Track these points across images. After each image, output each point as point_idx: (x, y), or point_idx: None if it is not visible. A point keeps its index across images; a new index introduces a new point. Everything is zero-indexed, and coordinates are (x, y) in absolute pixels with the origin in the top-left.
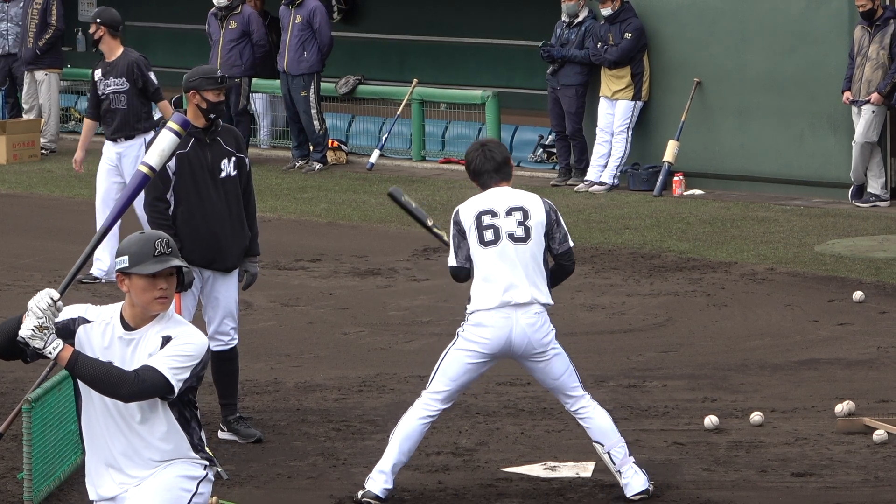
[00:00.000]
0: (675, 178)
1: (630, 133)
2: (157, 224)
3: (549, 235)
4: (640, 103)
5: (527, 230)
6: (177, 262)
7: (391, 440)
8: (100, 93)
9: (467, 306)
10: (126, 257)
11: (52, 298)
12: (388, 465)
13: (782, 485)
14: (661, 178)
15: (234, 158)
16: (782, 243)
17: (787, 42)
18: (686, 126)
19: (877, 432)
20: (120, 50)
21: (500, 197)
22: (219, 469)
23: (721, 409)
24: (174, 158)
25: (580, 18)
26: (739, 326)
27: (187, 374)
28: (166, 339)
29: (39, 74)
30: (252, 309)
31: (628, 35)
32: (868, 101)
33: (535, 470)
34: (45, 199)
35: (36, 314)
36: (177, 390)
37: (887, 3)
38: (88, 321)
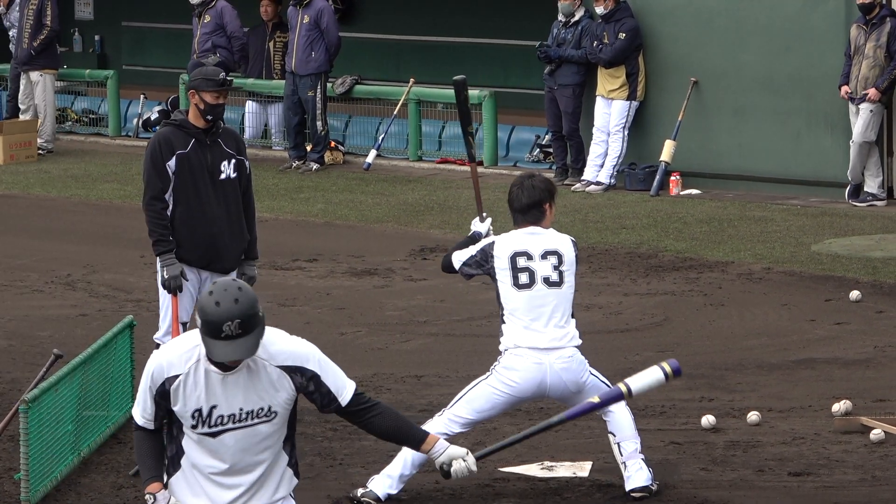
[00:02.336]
0: (672, 178)
1: (626, 132)
2: (155, 223)
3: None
4: (635, 103)
5: (561, 275)
6: (245, 347)
7: (402, 451)
8: None
9: (501, 340)
10: (200, 322)
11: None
12: (397, 472)
13: (779, 484)
14: (657, 177)
15: (234, 160)
16: (779, 243)
17: (783, 41)
18: (683, 125)
19: (874, 431)
20: None
21: (534, 239)
22: None
23: (718, 409)
24: (174, 158)
25: (577, 18)
26: (736, 326)
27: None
28: (297, 371)
29: (35, 75)
30: None
31: (622, 35)
32: (864, 99)
33: (533, 470)
34: (42, 199)
35: None
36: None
37: (884, 1)
38: (174, 376)
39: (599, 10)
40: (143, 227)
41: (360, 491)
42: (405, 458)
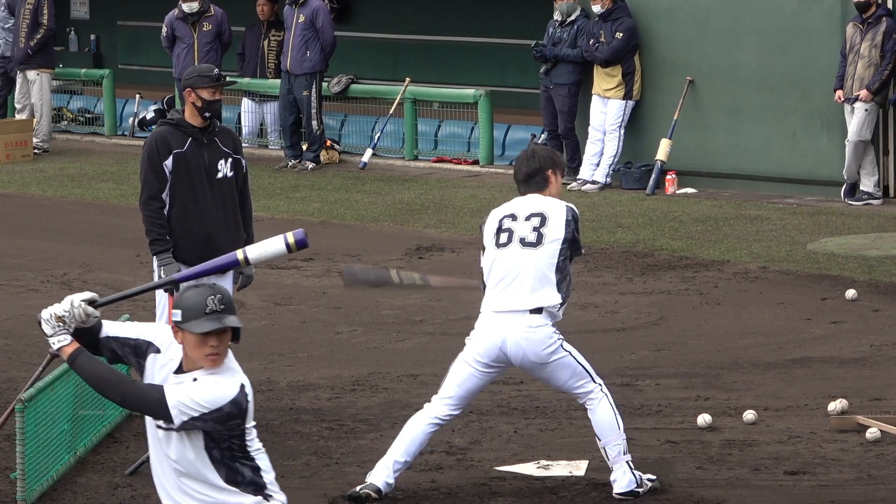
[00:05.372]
0: (668, 177)
1: (622, 131)
2: (151, 223)
3: (571, 243)
4: (631, 102)
5: (539, 236)
6: (230, 321)
7: (398, 438)
8: None
9: None
10: (180, 311)
11: (86, 300)
12: (391, 461)
13: (775, 483)
14: (653, 176)
15: (230, 159)
16: (775, 242)
17: (779, 40)
18: (679, 124)
19: (870, 430)
20: None
21: (526, 202)
22: None
23: (714, 408)
24: (171, 157)
25: (573, 17)
26: (732, 325)
27: (194, 415)
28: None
29: (31, 74)
30: (245, 308)
31: (619, 35)
32: (858, 98)
33: (529, 468)
34: (38, 198)
35: (64, 306)
36: (176, 423)
37: (881, 0)
38: (159, 351)
39: (596, 8)
40: (140, 227)
41: (358, 487)
42: (398, 449)
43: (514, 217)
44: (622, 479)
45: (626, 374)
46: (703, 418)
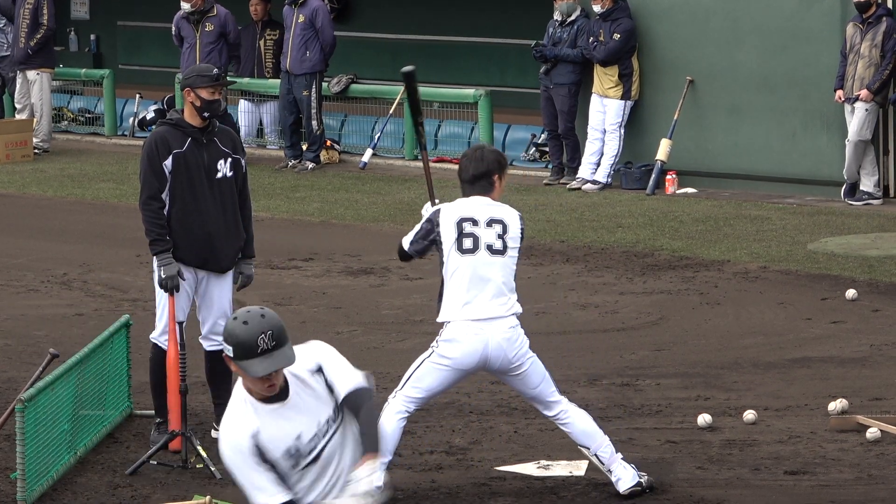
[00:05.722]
0: (668, 177)
1: (622, 131)
2: (151, 223)
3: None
4: (629, 102)
5: (504, 244)
6: (282, 358)
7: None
8: None
9: (440, 312)
10: (231, 348)
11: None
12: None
13: (775, 483)
14: (653, 176)
15: (230, 159)
16: (775, 241)
17: (779, 40)
18: (679, 124)
19: (870, 430)
20: None
21: (481, 207)
22: (212, 469)
23: (714, 408)
24: (171, 157)
25: (573, 17)
26: (732, 325)
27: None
28: (319, 369)
29: (31, 74)
30: None
31: (617, 36)
32: (858, 98)
33: (529, 468)
34: (38, 198)
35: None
36: (363, 378)
37: (881, 0)
38: (255, 431)
39: (597, 8)
40: (140, 227)
41: None
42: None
43: (474, 222)
44: (624, 475)
45: (627, 373)
46: (703, 418)
